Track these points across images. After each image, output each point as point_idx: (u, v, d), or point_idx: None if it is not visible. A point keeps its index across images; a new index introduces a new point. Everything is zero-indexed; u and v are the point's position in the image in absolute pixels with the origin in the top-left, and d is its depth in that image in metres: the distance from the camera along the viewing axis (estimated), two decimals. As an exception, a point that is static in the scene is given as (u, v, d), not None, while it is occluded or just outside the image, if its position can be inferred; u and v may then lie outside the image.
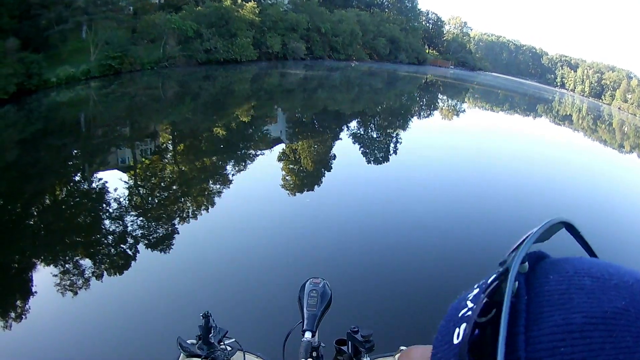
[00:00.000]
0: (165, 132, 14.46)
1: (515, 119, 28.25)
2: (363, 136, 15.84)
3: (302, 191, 8.86)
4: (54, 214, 7.34)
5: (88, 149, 12.05)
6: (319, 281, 1.47)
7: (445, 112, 25.03)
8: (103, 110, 17.48)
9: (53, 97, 18.79)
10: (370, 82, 36.43)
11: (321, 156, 12.15)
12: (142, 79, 24.12)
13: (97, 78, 22.03)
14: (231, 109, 19.01)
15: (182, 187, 8.61)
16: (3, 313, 4.49)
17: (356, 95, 27.96)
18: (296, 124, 17.70)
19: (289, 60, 39.47)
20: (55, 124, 14.78)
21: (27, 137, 12.67)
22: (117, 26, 24.25)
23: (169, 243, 6.05)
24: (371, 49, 56.57)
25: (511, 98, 42.81)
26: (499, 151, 14.91)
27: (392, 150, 13.72)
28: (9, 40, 18.70)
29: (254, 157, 11.50)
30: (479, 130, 19.63)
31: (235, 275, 5.17)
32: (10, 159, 10.31)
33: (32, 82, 18.49)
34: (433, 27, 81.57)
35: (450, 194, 9.15)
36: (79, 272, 5.19)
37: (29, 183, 8.45)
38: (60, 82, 20.13)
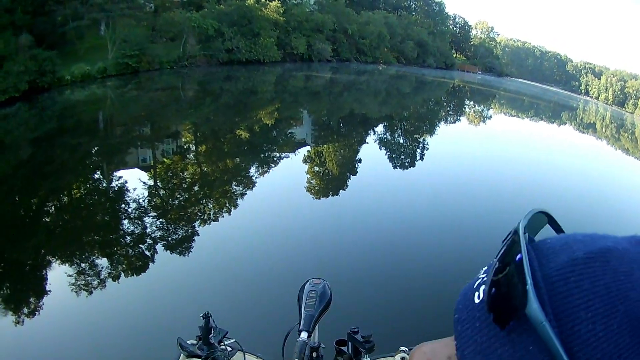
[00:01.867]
0: (184, 133, 14.15)
1: (540, 126, 27.45)
2: (384, 140, 15.76)
3: (312, 193, 8.90)
4: (56, 213, 7.41)
5: (103, 148, 11.74)
6: (319, 282, 1.47)
7: (471, 118, 24.52)
8: (120, 110, 17.10)
9: (67, 95, 18.43)
10: (398, 86, 35.62)
11: (341, 159, 12.29)
12: (160, 78, 23.75)
13: (114, 77, 21.66)
14: (254, 111, 18.58)
15: (185, 188, 8.71)
16: (3, 309, 4.56)
17: (383, 99, 27.30)
18: (322, 126, 17.49)
19: (315, 62, 38.87)
20: (68, 123, 14.41)
21: (40, 136, 12.47)
22: (136, 23, 23.69)
23: (169, 243, 6.08)
24: (399, 52, 55.58)
25: (536, 105, 41.97)
26: (518, 159, 14.42)
27: (408, 155, 13.76)
28: (21, 36, 18.23)
29: (271, 159, 11.48)
30: (501, 138, 19.15)
31: (235, 275, 5.24)
32: (23, 157, 10.33)
33: (45, 79, 18.07)
34: (460, 32, 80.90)
35: (459, 199, 9.09)
36: (79, 271, 5.22)
37: (39, 182, 8.54)
38: (75, 80, 19.71)
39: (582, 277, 0.34)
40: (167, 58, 25.12)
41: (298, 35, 36.45)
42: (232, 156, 11.61)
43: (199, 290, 4.78)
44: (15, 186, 8.37)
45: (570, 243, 0.38)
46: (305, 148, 13.02)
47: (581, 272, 0.35)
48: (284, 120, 17.31)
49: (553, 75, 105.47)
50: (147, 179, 9.13)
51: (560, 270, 0.36)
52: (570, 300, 0.34)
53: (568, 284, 0.35)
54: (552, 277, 0.36)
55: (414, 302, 4.83)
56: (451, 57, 69.47)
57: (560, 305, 0.34)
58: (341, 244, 6.18)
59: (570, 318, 0.33)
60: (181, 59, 26.20)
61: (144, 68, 23.15)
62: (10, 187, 8.41)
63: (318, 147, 13.46)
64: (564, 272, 0.35)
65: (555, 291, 0.35)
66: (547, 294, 0.35)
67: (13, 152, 10.65)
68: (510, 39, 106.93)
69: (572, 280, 0.35)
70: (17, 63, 16.34)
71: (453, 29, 78.42)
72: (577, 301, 0.34)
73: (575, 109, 48.71)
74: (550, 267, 0.36)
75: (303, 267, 5.28)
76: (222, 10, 29.98)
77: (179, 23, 25.87)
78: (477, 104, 33.73)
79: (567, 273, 0.35)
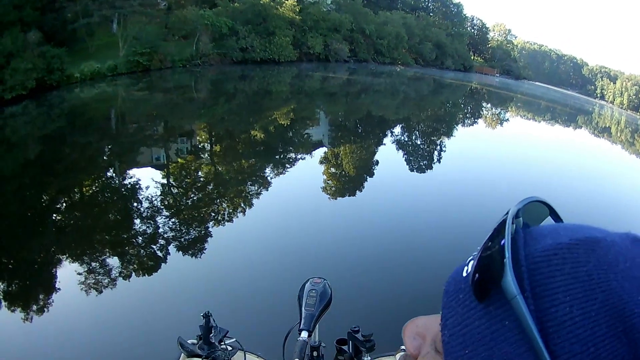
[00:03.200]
0: (196, 132, 14.01)
1: (557, 130, 26.96)
2: (396, 142, 15.66)
3: (313, 193, 8.87)
4: (57, 212, 7.47)
5: (112, 147, 11.65)
6: (320, 281, 1.49)
7: (488, 121, 24.13)
8: (130, 109, 16.92)
9: (76, 93, 18.33)
10: (416, 88, 35.13)
11: (355, 160, 12.39)
12: (172, 77, 23.57)
13: (124, 75, 21.49)
14: (268, 112, 18.31)
15: (187, 189, 8.77)
16: (5, 305, 4.62)
17: (401, 101, 26.80)
18: (339, 127, 17.36)
19: (332, 62, 38.50)
20: (77, 122, 14.28)
21: (47, 135, 12.41)
22: (148, 21, 23.39)
23: (170, 243, 6.08)
24: (417, 53, 54.98)
25: (552, 109, 41.11)
26: (531, 163, 14.09)
27: (419, 157, 13.74)
28: (30, 33, 17.97)
29: (278, 160, 11.46)
30: (516, 142, 18.60)
31: (236, 275, 5.30)
32: (29, 156, 10.38)
33: (54, 77, 17.92)
34: (478, 34, 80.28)
35: (467, 201, 8.96)
36: (80, 269, 5.23)
37: (42, 181, 8.70)
38: (84, 78, 19.54)
39: (565, 261, 0.35)
40: (179, 56, 24.90)
41: (315, 34, 36.11)
42: (239, 156, 11.53)
43: (199, 290, 4.83)
44: (19, 185, 8.34)
45: (559, 230, 0.39)
46: (319, 149, 12.92)
47: (564, 256, 0.35)
48: (300, 120, 17.06)
49: (569, 79, 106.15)
50: (152, 178, 8.99)
51: (544, 252, 0.36)
52: (551, 281, 0.35)
53: (550, 266, 0.35)
54: (535, 257, 0.36)
55: (414, 301, 4.83)
56: (469, 60, 68.96)
57: (540, 285, 0.35)
58: (342, 244, 6.23)
59: (549, 298, 0.34)
60: (194, 57, 25.95)
61: (155, 66, 22.95)
62: (14, 185, 8.34)
63: (331, 148, 13.40)
64: (547, 254, 0.36)
65: (536, 270, 0.36)
66: (527, 272, 0.36)
67: (20, 151, 10.52)
68: (527, 41, 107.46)
69: (554, 262, 0.35)
70: (25, 60, 16.14)
71: (471, 30, 77.94)
72: (557, 283, 0.34)
73: (590, 113, 48.27)
74: (535, 248, 0.37)
75: (303, 266, 5.30)
76: (236, 8, 29.76)
77: (191, 21, 25.64)
78: (495, 107, 33.23)
79: (550, 255, 0.36)
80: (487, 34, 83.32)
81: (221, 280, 5.16)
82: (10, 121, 14.12)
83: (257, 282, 5.01)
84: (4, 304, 4.65)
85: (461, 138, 17.46)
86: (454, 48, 62.35)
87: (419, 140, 16.63)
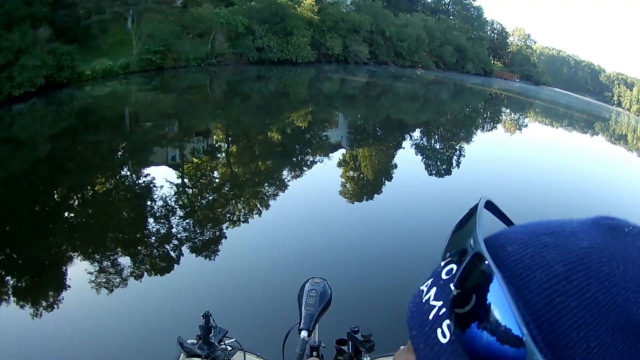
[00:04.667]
0: (209, 133, 13.88)
1: (574, 137, 26.18)
2: (415, 145, 15.43)
3: (314, 192, 8.94)
4: (59, 210, 7.43)
5: (122, 147, 11.45)
6: (320, 281, 1.50)
7: (508, 127, 23.62)
8: (143, 108, 16.68)
9: (87, 91, 18.11)
10: (437, 92, 34.37)
11: (373, 162, 12.35)
12: (186, 76, 23.24)
13: (137, 73, 21.25)
14: (285, 113, 18.02)
15: (190, 189, 8.79)
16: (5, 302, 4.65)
17: (421, 105, 26.34)
18: (358, 130, 17.15)
19: (351, 64, 37.90)
20: (85, 120, 14.03)
21: (55, 133, 12.27)
22: (163, 18, 23.08)
23: (170, 242, 6.12)
24: (437, 56, 54.19)
25: (570, 115, 40.00)
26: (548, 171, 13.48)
27: (431, 161, 13.47)
28: (40, 29, 17.65)
29: (285, 161, 11.30)
30: (534, 149, 17.81)
31: (236, 274, 5.32)
32: (40, 155, 10.36)
33: (64, 74, 17.71)
34: (497, 38, 79.65)
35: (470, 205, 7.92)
36: (79, 268, 5.25)
37: (47, 180, 8.71)
38: (95, 75, 19.28)
39: (568, 296, 0.33)
40: (194, 55, 24.59)
41: (334, 35, 35.59)
42: (249, 156, 11.52)
43: (199, 290, 4.88)
44: (28, 183, 8.34)
45: (541, 252, 0.36)
46: (334, 151, 12.71)
47: (566, 291, 0.33)
48: (318, 122, 16.74)
49: (587, 85, 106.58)
50: (162, 177, 8.87)
51: (543, 294, 0.34)
52: (560, 325, 0.33)
53: (554, 308, 0.33)
54: (536, 305, 0.34)
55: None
56: (490, 64, 68.29)
57: (550, 334, 0.33)
58: (343, 243, 6.28)
59: (563, 344, 0.33)
60: (209, 56, 25.63)
61: (168, 65, 22.71)
62: (22, 184, 8.37)
63: (350, 149, 13.29)
64: (547, 295, 0.34)
65: (542, 319, 0.33)
66: (534, 326, 0.33)
67: (28, 150, 10.47)
68: (546, 47, 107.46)
69: (557, 302, 0.33)
70: (33, 57, 15.88)
71: (491, 35, 77.33)
72: (567, 323, 0.33)
73: (607, 120, 47.42)
74: (530, 292, 0.34)
75: (303, 266, 5.33)
76: (253, 7, 29.44)
77: (206, 19, 25.30)
78: (513, 112, 32.55)
79: (551, 295, 0.34)
80: (506, 38, 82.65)
81: (221, 280, 5.20)
82: (18, 119, 13.92)
83: (257, 282, 5.04)
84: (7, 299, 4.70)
85: (477, 144, 17.00)
86: (475, 52, 61.54)
87: (436, 144, 16.29)
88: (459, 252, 0.39)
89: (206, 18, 25.30)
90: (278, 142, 13.07)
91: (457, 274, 0.37)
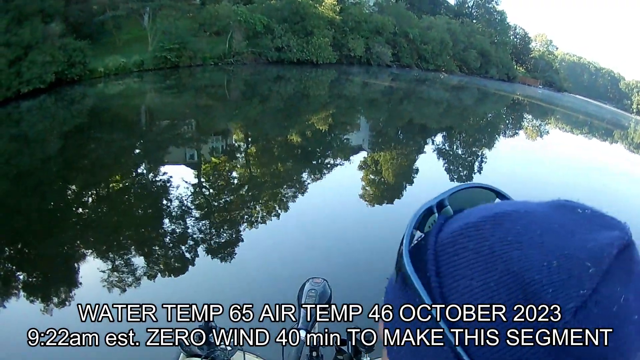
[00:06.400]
0: (225, 133, 13.69)
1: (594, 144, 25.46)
2: (437, 150, 15.14)
3: (315, 192, 8.86)
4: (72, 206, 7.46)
5: (132, 147, 11.26)
6: (320, 281, 1.51)
7: (530, 134, 23.04)
8: (158, 106, 16.39)
9: (99, 88, 17.83)
10: (461, 98, 33.44)
11: (396, 165, 12.31)
12: (203, 75, 22.92)
13: (152, 71, 20.96)
14: (306, 115, 17.73)
15: (193, 188, 8.60)
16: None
17: (444, 110, 25.65)
18: (380, 133, 16.85)
19: (373, 66, 37.24)
20: (95, 119, 13.80)
21: (64, 132, 12.08)
22: (179, 15, 22.73)
23: (170, 241, 6.14)
24: (461, 61, 53.16)
25: (598, 126, 38.97)
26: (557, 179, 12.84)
27: (451, 166, 13.32)
28: (51, 24, 17.24)
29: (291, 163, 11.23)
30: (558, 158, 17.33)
31: (236, 274, 5.37)
32: (50, 153, 10.21)
33: (75, 71, 17.40)
34: (520, 43, 79.51)
35: None
36: (78, 266, 5.30)
37: (51, 180, 8.61)
38: (108, 72, 18.96)
39: (470, 239, 0.39)
40: (210, 53, 24.27)
41: (356, 36, 34.90)
42: (263, 158, 11.39)
43: (198, 289, 4.89)
44: (37, 181, 8.23)
45: (475, 211, 0.43)
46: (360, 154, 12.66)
47: (469, 235, 0.39)
48: (339, 125, 16.40)
49: (607, 93, 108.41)
50: (166, 177, 8.87)
51: (452, 234, 0.41)
52: (455, 259, 0.39)
53: (455, 245, 0.40)
54: (442, 240, 0.41)
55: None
56: (513, 69, 67.34)
57: (445, 264, 0.40)
58: (344, 243, 6.37)
59: (451, 275, 0.39)
60: (226, 55, 25.26)
61: (184, 63, 22.35)
62: (32, 181, 8.22)
63: (371, 153, 13.19)
64: (453, 236, 0.41)
65: (442, 252, 0.41)
66: (433, 254, 0.41)
67: (38, 147, 10.32)
68: (567, 53, 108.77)
69: (460, 241, 0.40)
70: (43, 53, 15.62)
71: (513, 40, 77.00)
72: (461, 260, 0.39)
73: (626, 128, 46.32)
74: (445, 232, 0.42)
75: (304, 265, 5.43)
76: (272, 5, 29.02)
77: (224, 16, 24.91)
78: (534, 118, 31.77)
79: (456, 236, 0.40)
80: (529, 43, 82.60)
81: (221, 279, 5.24)
82: (27, 115, 13.65)
83: (256, 281, 5.08)
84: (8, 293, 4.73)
85: (501, 153, 16.48)
86: (498, 57, 60.67)
87: (458, 149, 15.99)
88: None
89: (224, 16, 24.92)
90: (296, 144, 12.79)
91: None
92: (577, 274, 0.34)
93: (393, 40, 39.76)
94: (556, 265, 0.35)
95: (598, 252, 0.35)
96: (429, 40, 44.21)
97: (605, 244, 0.35)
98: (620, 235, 0.36)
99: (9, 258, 5.59)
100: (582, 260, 0.34)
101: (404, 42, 41.32)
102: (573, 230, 0.37)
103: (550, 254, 0.35)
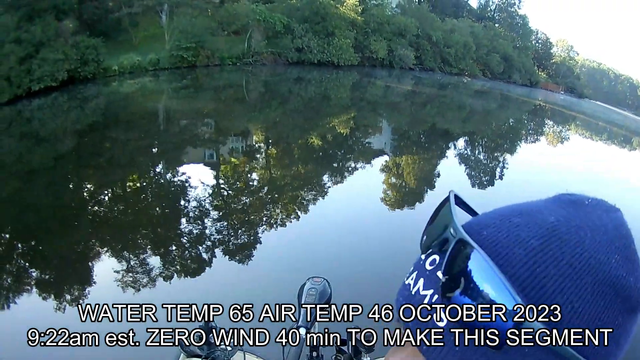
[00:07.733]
0: (242, 134, 13.38)
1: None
2: (460, 155, 14.87)
3: (316, 192, 8.93)
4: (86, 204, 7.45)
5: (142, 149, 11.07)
6: (320, 280, 1.52)
7: (551, 140, 22.23)
8: (174, 106, 16.07)
9: (113, 87, 17.55)
10: (483, 103, 32.54)
11: (417, 168, 12.30)
12: (221, 75, 22.59)
13: (168, 70, 20.65)
14: (327, 118, 17.32)
15: (192, 189, 8.55)
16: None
17: (467, 115, 24.97)
18: (402, 137, 16.50)
19: (396, 69, 36.48)
20: (107, 118, 13.55)
21: (75, 130, 11.94)
22: (197, 13, 22.31)
23: (170, 241, 6.20)
24: (484, 65, 52.14)
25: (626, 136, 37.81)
26: None
27: (472, 171, 13.04)
28: (64, 21, 16.88)
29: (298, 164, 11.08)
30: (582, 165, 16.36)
31: (236, 273, 5.42)
32: (60, 151, 10.23)
33: (88, 69, 17.10)
34: (542, 48, 78.83)
35: None
36: (77, 266, 5.38)
37: (53, 179, 8.61)
38: (123, 71, 18.62)
39: (547, 265, 0.38)
40: (229, 53, 23.85)
41: (378, 38, 34.20)
42: (282, 159, 11.30)
43: (198, 289, 4.94)
44: (49, 180, 8.41)
45: (515, 231, 0.41)
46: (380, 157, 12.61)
47: (544, 261, 0.38)
48: (362, 128, 16.01)
49: (626, 99, 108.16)
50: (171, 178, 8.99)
51: (524, 267, 0.38)
52: (545, 292, 0.38)
53: (537, 277, 0.38)
54: (520, 278, 0.38)
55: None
56: (535, 75, 66.54)
57: (538, 302, 0.37)
58: (345, 243, 6.36)
59: (552, 307, 0.38)
60: (245, 55, 24.78)
61: (201, 63, 21.98)
62: (44, 180, 8.39)
63: (393, 156, 13.23)
64: (529, 267, 0.38)
65: (528, 289, 0.38)
66: (522, 296, 0.37)
67: (49, 146, 10.40)
68: (587, 59, 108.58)
69: (538, 272, 0.38)
70: (54, 50, 15.37)
71: (535, 44, 76.58)
72: (551, 289, 0.38)
73: None
74: (513, 266, 0.39)
75: (304, 265, 5.44)
76: (292, 5, 28.56)
77: (243, 15, 24.42)
78: (556, 124, 30.68)
79: (532, 267, 0.38)
80: (550, 48, 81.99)
81: (221, 280, 5.27)
82: (37, 113, 13.53)
83: (256, 281, 5.11)
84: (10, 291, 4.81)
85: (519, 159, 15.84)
86: (521, 62, 59.70)
87: (479, 154, 15.65)
88: (440, 242, 0.43)
89: (243, 15, 24.45)
90: (316, 146, 12.53)
91: (442, 262, 0.41)
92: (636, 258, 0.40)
93: (416, 42, 39.00)
94: (618, 258, 0.39)
95: (623, 230, 0.41)
96: (452, 44, 43.34)
97: (618, 224, 0.41)
98: (620, 214, 0.42)
99: (9, 258, 5.54)
100: (629, 242, 0.40)
101: (427, 44, 40.49)
102: (596, 222, 0.40)
103: (610, 250, 0.39)
